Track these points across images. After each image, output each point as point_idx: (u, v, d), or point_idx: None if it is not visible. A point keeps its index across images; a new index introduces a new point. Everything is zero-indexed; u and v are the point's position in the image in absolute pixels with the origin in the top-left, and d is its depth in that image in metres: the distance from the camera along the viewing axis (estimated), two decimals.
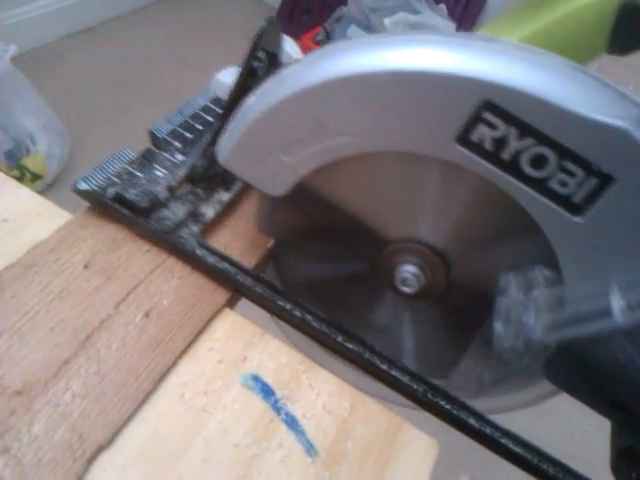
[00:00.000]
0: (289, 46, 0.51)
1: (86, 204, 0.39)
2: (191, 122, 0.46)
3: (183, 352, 0.34)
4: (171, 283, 0.37)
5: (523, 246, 0.34)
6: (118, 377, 0.32)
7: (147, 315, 0.35)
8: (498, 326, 0.34)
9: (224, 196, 0.43)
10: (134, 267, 0.37)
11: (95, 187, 0.39)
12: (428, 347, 0.45)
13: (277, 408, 0.34)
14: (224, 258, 0.38)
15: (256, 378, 0.35)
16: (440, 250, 0.37)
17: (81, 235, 0.37)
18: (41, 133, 1.40)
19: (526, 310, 0.33)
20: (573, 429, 1.30)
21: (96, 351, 0.33)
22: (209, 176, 0.43)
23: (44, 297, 0.34)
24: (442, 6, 1.77)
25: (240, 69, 0.38)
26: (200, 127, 0.46)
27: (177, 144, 0.44)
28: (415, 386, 0.36)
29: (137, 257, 0.37)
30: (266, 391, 0.34)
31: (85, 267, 0.36)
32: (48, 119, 1.42)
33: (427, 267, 0.38)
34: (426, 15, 1.63)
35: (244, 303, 0.40)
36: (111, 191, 0.39)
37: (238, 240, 0.41)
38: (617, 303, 0.30)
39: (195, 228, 0.40)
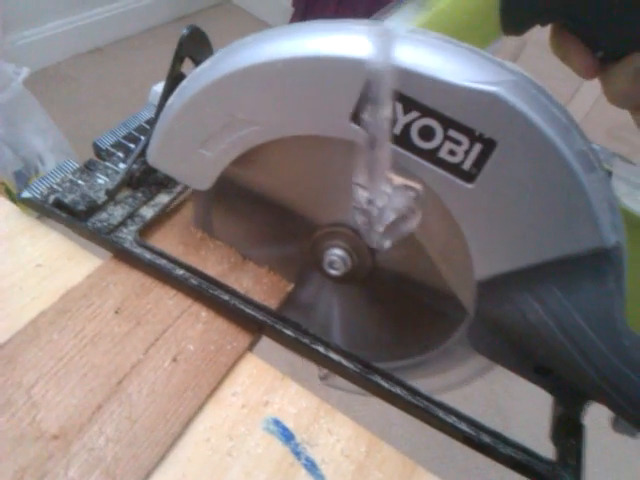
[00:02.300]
0: None
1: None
2: (135, 134, 0.49)
3: (208, 396, 0.36)
4: (197, 328, 0.39)
5: (438, 225, 0.36)
6: (148, 422, 0.33)
7: (175, 360, 0.37)
8: (375, 237, 0.35)
9: (164, 198, 0.45)
10: (162, 312, 0.39)
11: (37, 195, 0.42)
12: (358, 328, 0.47)
13: (297, 452, 0.35)
14: (162, 255, 0.41)
15: (277, 422, 0.36)
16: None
17: (112, 280, 0.39)
18: (49, 154, 1.42)
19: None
20: None
21: (127, 396, 0.34)
22: (151, 182, 0.46)
23: (78, 342, 0.35)
24: None
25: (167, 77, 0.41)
26: (143, 138, 0.48)
27: (120, 154, 0.47)
28: (350, 365, 0.39)
29: (165, 302, 0.39)
30: (287, 435, 0.36)
31: (116, 312, 0.38)
32: (56, 140, 1.44)
33: (354, 250, 0.40)
34: None
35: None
36: (52, 198, 0.41)
37: (259, 284, 0.43)
38: None
39: (133, 228, 0.42)
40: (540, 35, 0.39)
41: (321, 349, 0.39)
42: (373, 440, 0.37)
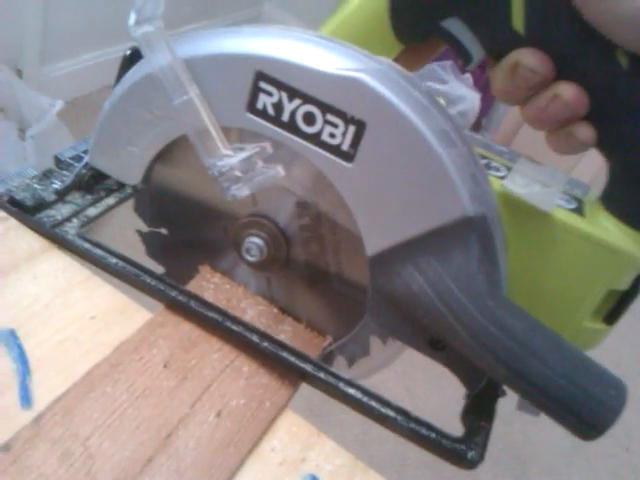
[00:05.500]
0: None
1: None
2: None
3: (249, 451, 0.38)
4: (239, 383, 0.41)
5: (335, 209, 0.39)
6: (195, 475, 0.35)
7: (219, 415, 0.38)
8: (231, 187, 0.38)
9: (112, 200, 0.50)
10: (207, 367, 0.41)
11: None
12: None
13: None
14: (99, 246, 0.45)
15: (314, 479, 0.38)
16: (281, 226, 0.42)
17: (160, 334, 0.41)
18: None
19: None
20: None
21: (175, 449, 0.36)
22: (103, 187, 0.50)
23: (129, 395, 0.38)
24: (467, 76, 1.84)
25: None
26: None
27: (77, 165, 0.50)
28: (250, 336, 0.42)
29: (210, 356, 0.41)
30: None
31: (165, 366, 0.40)
32: None
33: (270, 241, 0.43)
34: (452, 85, 1.70)
35: None
36: (6, 196, 0.46)
37: (296, 340, 0.45)
38: None
39: (77, 223, 0.47)
40: None
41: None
42: None
